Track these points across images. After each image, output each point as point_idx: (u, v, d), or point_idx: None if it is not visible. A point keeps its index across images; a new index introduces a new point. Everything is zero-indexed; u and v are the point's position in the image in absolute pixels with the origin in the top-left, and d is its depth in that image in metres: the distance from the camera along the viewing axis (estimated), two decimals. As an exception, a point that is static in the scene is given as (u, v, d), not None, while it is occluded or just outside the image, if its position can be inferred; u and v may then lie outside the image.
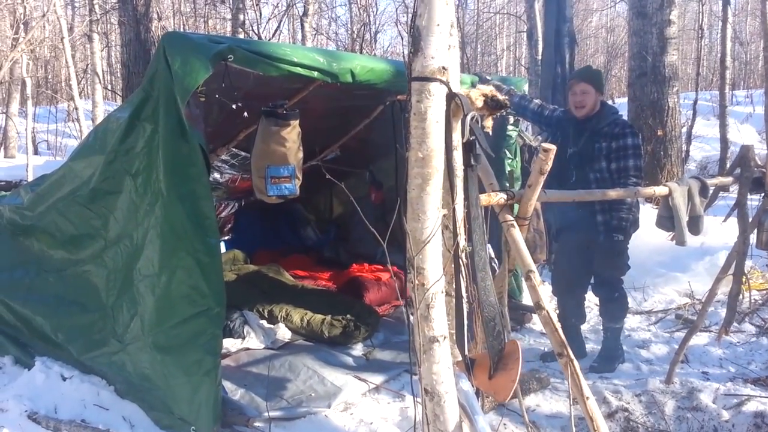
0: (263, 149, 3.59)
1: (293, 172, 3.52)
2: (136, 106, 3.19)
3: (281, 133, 3.56)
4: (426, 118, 2.01)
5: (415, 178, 2.04)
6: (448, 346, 2.13)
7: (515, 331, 5.07)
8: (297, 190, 3.67)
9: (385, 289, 5.40)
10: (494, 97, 2.37)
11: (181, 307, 3.17)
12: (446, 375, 2.12)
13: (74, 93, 8.69)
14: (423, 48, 2.00)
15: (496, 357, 2.28)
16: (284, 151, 3.53)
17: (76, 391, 3.56)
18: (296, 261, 6.18)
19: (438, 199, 2.07)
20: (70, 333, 3.67)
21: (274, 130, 3.56)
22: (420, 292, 2.06)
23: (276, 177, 3.45)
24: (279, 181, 3.46)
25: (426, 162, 2.02)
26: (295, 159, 3.61)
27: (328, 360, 4.26)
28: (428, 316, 2.08)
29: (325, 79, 3.47)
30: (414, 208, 2.06)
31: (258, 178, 3.58)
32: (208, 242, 3.13)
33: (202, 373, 3.15)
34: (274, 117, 3.56)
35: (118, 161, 3.33)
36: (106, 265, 3.54)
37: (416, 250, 2.05)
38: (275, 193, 3.49)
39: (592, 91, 4.27)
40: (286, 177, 3.46)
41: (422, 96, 2.01)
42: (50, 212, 3.73)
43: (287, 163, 3.50)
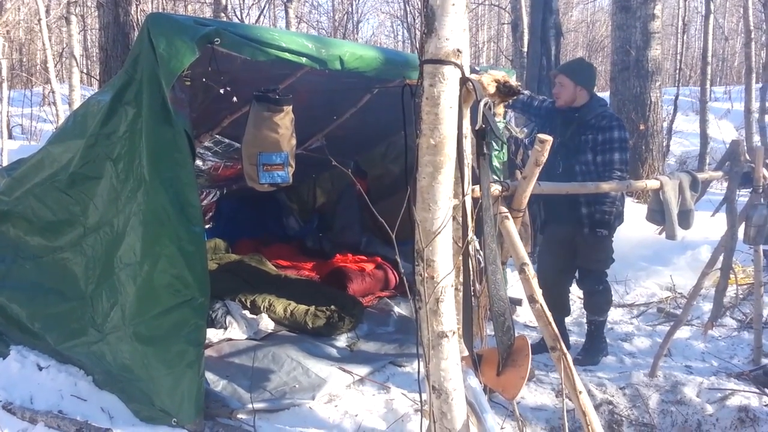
0: (255, 135, 3.49)
1: (286, 159, 3.44)
2: (118, 89, 3.09)
3: (274, 118, 3.46)
4: (439, 103, 1.92)
5: (426, 166, 1.97)
6: (457, 342, 2.08)
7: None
8: (290, 178, 3.59)
9: (369, 279, 5.35)
10: (507, 83, 2.29)
11: (163, 297, 3.08)
12: (454, 371, 2.07)
13: (51, 76, 8.47)
14: (437, 29, 1.90)
15: (504, 353, 2.23)
16: (277, 138, 3.44)
17: (53, 381, 3.46)
18: (278, 250, 6.09)
19: (450, 189, 2.00)
20: (47, 322, 3.56)
21: (266, 116, 3.46)
22: (429, 286, 2.00)
23: (268, 164, 3.36)
24: (271, 168, 3.37)
25: (438, 149, 1.94)
26: (289, 146, 3.52)
27: (312, 351, 4.20)
28: (437, 310, 2.02)
29: (313, 65, 3.38)
30: (424, 197, 1.99)
31: (249, 165, 3.49)
32: (193, 230, 3.04)
33: (185, 365, 3.07)
34: (267, 102, 3.47)
35: (98, 146, 3.23)
36: (85, 252, 3.44)
37: (426, 241, 1.98)
38: (267, 180, 3.40)
39: (569, 84, 4.26)
40: (279, 164, 3.37)
41: (435, 80, 1.92)
42: (27, 197, 3.61)
43: (280, 150, 3.41)
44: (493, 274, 2.23)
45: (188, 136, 2.97)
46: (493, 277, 2.22)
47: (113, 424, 3.18)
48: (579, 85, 4.26)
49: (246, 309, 4.64)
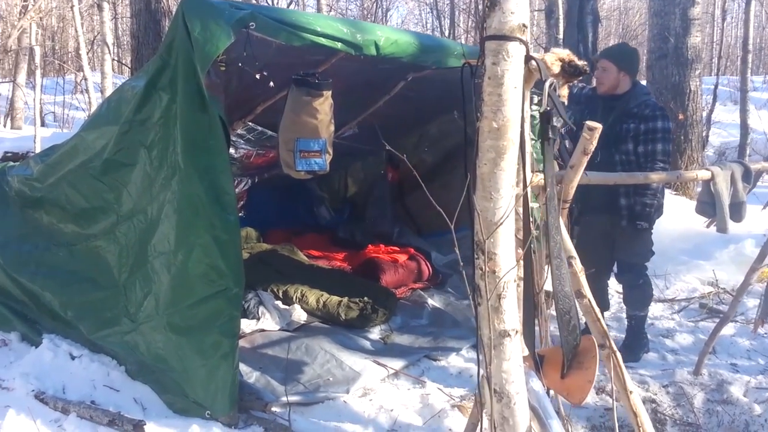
0: (293, 121, 3.40)
1: (324, 146, 3.34)
2: (152, 74, 3.02)
3: (313, 103, 3.37)
4: (503, 82, 1.76)
5: (488, 151, 1.80)
6: (520, 342, 1.95)
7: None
8: (327, 166, 3.50)
9: (402, 271, 5.25)
10: (572, 62, 2.13)
11: (198, 287, 3.02)
12: (517, 374, 1.94)
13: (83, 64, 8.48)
14: (501, 2, 1.75)
15: (570, 354, 2.09)
16: (315, 124, 3.34)
17: (86, 371, 3.43)
18: (310, 240, 6.02)
19: (513, 176, 1.85)
20: (80, 310, 3.53)
21: (305, 101, 3.37)
22: (491, 281, 1.85)
23: (306, 151, 3.27)
24: (309, 155, 3.28)
25: (501, 133, 1.78)
26: (327, 132, 3.43)
27: (346, 343, 4.13)
28: (499, 307, 1.88)
29: (348, 50, 3.30)
30: (485, 185, 1.83)
31: (286, 152, 3.40)
32: (227, 219, 2.98)
33: (219, 356, 3.02)
34: (306, 86, 3.38)
35: (132, 132, 3.17)
36: (119, 240, 3.39)
37: (487, 232, 1.83)
38: (304, 168, 3.31)
39: (613, 69, 4.10)
40: (317, 151, 3.28)
41: (499, 57, 1.76)
42: (61, 184, 3.57)
43: (318, 136, 3.32)
44: (558, 269, 2.09)
45: (223, 122, 2.90)
46: (557, 271, 2.09)
47: (146, 416, 3.13)
48: (623, 70, 4.10)
49: (278, 299, 4.58)
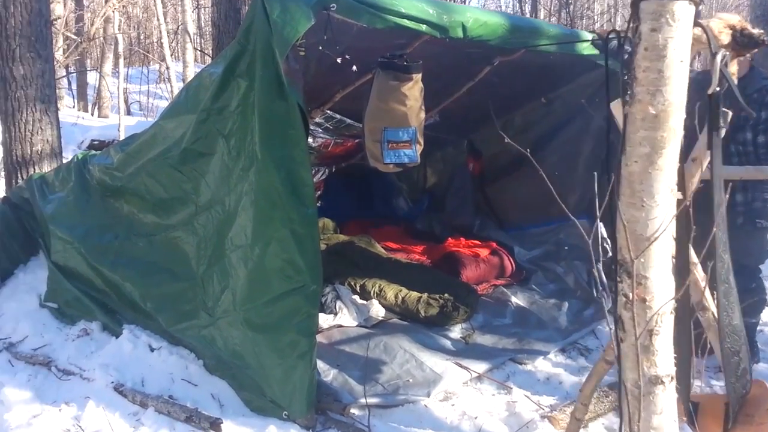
0: (379, 108, 3.18)
1: (414, 135, 3.12)
2: (230, 60, 2.91)
3: (401, 88, 3.13)
4: (665, 54, 1.40)
5: (640, 144, 1.45)
6: (674, 390, 1.60)
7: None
8: (418, 158, 3.27)
9: (484, 266, 5.00)
10: (745, 30, 1.75)
11: (275, 283, 2.90)
12: (670, 429, 1.57)
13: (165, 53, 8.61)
14: None
15: (737, 404, 1.74)
16: (404, 111, 3.11)
17: (164, 364, 3.38)
18: (388, 232, 5.84)
19: (672, 177, 1.49)
20: (159, 302, 3.48)
21: (393, 86, 3.15)
22: (640, 312, 1.50)
23: (394, 141, 3.06)
24: (397, 146, 3.06)
25: (660, 121, 1.42)
26: (417, 120, 3.19)
27: (426, 342, 3.93)
28: (650, 347, 1.52)
29: (433, 33, 3.10)
30: (635, 188, 1.49)
31: (372, 143, 3.19)
32: (305, 212, 2.84)
33: (296, 356, 2.89)
34: (394, 69, 3.16)
35: (210, 121, 3.07)
36: (197, 231, 3.32)
37: (636, 250, 1.48)
38: (393, 160, 3.10)
39: None
40: (406, 142, 3.06)
41: (660, 22, 1.39)
42: (140, 174, 3.53)
43: (407, 124, 3.09)
44: (725, 296, 1.71)
45: (302, 111, 2.75)
46: (724, 299, 1.71)
47: (223, 413, 3.05)
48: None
49: (356, 294, 4.44)
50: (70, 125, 9.17)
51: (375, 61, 3.52)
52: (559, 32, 3.87)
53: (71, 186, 3.97)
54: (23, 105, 4.53)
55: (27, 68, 4.48)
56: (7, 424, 2.99)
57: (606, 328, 4.39)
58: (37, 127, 4.61)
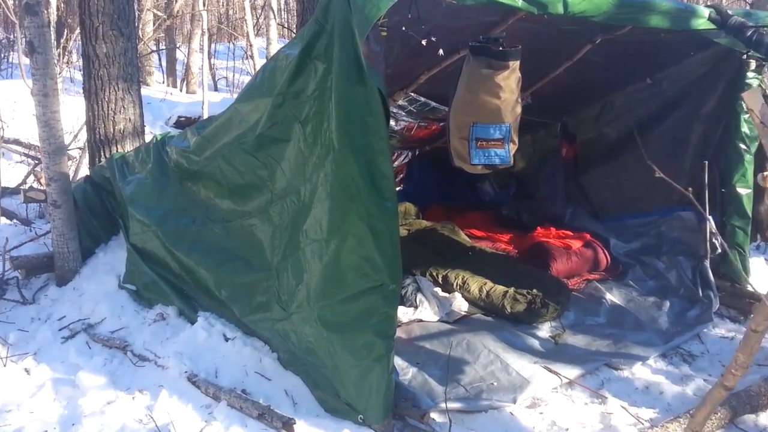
0: (468, 100, 2.83)
1: (508, 133, 2.78)
2: (307, 41, 2.70)
3: (495, 78, 2.79)
4: None
5: None
6: None
7: (738, 322, 4.15)
8: (511, 159, 2.93)
9: (576, 259, 4.66)
10: None
11: (350, 280, 2.71)
12: None
13: (249, 29, 8.53)
14: None
15: None
16: (497, 105, 2.77)
17: (238, 355, 3.28)
18: (472, 219, 5.59)
19: None
20: (234, 291, 3.38)
21: (485, 75, 2.80)
22: None
23: (484, 139, 2.73)
24: (487, 144, 2.74)
25: None
26: (512, 115, 2.83)
27: (512, 342, 3.67)
28: None
29: (530, 9, 2.79)
30: None
31: (459, 140, 2.86)
32: (384, 206, 2.61)
33: (373, 359, 2.70)
34: (487, 56, 2.82)
35: (286, 105, 2.89)
36: (272, 220, 3.17)
37: None
38: (481, 161, 2.78)
39: None
40: (498, 140, 2.73)
41: None
42: (216, 158, 3.41)
43: (500, 120, 2.75)
44: None
45: (382, 97, 2.51)
46: None
47: (296, 412, 2.92)
48: None
49: (437, 286, 4.21)
50: (158, 101, 9.34)
51: (462, 41, 3.24)
52: (671, 7, 3.45)
53: (150, 167, 3.92)
54: (106, 83, 4.51)
55: (110, 46, 4.45)
56: (80, 410, 2.97)
57: (712, 331, 4.01)
58: (119, 106, 4.59)
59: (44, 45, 3.48)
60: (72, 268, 4.03)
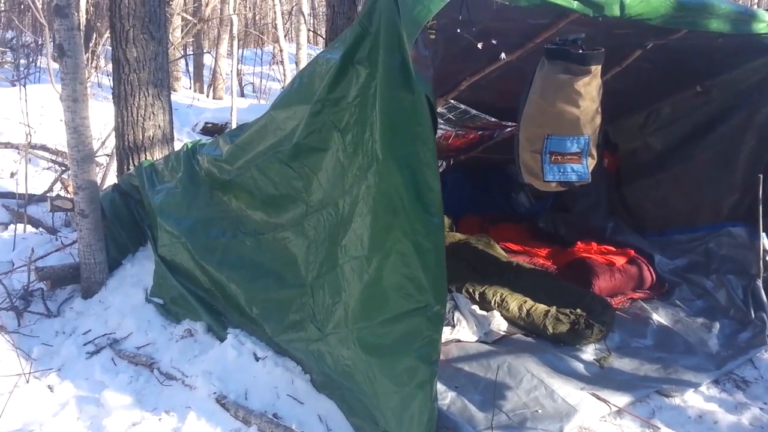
0: (543, 110, 2.59)
1: (587, 146, 2.56)
2: (349, 45, 2.54)
3: (575, 84, 2.56)
4: None
5: None
6: None
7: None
8: (589, 176, 2.71)
9: (620, 276, 4.43)
10: None
11: (392, 301, 2.53)
12: None
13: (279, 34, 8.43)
14: None
15: None
16: (576, 114, 2.54)
17: (269, 376, 3.11)
18: (507, 231, 5.37)
19: None
20: (266, 308, 3.22)
21: (563, 81, 2.57)
22: None
23: (559, 153, 2.51)
24: (563, 159, 2.52)
25: None
26: (592, 127, 2.61)
27: (556, 366, 3.46)
28: None
29: (586, 11, 2.62)
30: None
31: (529, 154, 2.62)
32: (430, 221, 2.43)
33: (415, 385, 2.51)
34: (565, 60, 2.60)
35: (324, 113, 2.74)
36: (307, 234, 3.01)
37: None
38: (556, 177, 2.55)
39: None
40: (574, 154, 2.51)
41: None
42: (249, 168, 3.26)
43: (579, 132, 2.53)
44: None
45: (430, 104, 2.34)
46: None
47: (330, 440, 2.75)
48: None
49: (475, 303, 4.02)
50: (185, 107, 9.26)
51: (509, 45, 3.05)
52: (731, 10, 3.25)
53: (180, 176, 3.79)
54: (136, 89, 4.39)
55: (140, 50, 4.33)
56: (105, 431, 2.84)
57: (765, 355, 3.77)
58: (149, 112, 4.47)
59: (74, 48, 3.36)
60: (98, 279, 3.90)
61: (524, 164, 2.65)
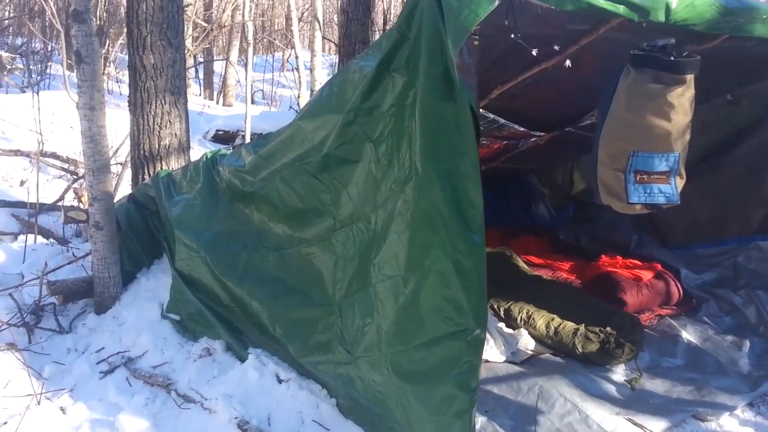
0: (629, 123, 2.39)
1: (676, 164, 2.37)
2: (386, 52, 2.41)
3: (668, 95, 2.35)
4: None
5: None
6: None
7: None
8: (678, 197, 2.52)
9: (647, 291, 4.28)
10: None
11: (430, 324, 2.39)
12: None
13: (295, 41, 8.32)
14: None
15: None
16: (667, 129, 2.32)
17: (293, 399, 2.97)
18: (527, 243, 5.23)
19: None
20: (290, 328, 3.08)
21: (654, 91, 2.37)
22: None
23: (645, 172, 2.33)
24: (650, 179, 2.34)
25: None
26: (682, 143, 2.39)
27: (588, 388, 3.32)
28: None
29: (631, 16, 2.49)
30: None
31: (611, 173, 2.41)
32: (472, 239, 2.29)
33: (452, 414, 2.36)
34: (656, 68, 2.39)
35: (357, 123, 2.60)
36: (334, 249, 2.88)
37: None
38: (641, 199, 2.37)
39: None
40: (663, 173, 2.33)
41: None
42: (273, 179, 3.13)
43: (668, 149, 2.34)
44: None
45: (474, 114, 2.21)
46: None
47: (359, 471, 2.61)
48: None
49: (501, 320, 3.88)
50: (196, 114, 9.15)
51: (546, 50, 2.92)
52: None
53: (199, 188, 3.65)
54: (152, 96, 4.27)
55: (157, 57, 4.21)
56: (121, 457, 2.70)
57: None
58: (165, 120, 4.34)
59: (92, 55, 3.24)
60: (112, 294, 3.76)
61: (604, 184, 2.46)
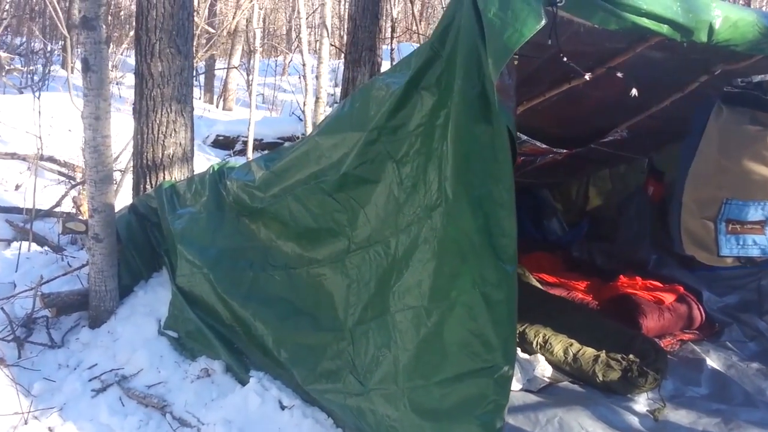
0: (722, 168, 2.18)
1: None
2: (417, 68, 2.27)
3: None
4: None
5: None
6: None
7: None
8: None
9: (669, 315, 4.08)
10: None
11: (455, 359, 2.23)
12: None
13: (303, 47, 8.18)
14: None
15: None
16: (765, 175, 2.13)
17: (297, 428, 2.80)
18: (540, 260, 5.05)
19: None
20: (296, 353, 2.91)
21: (753, 133, 2.17)
22: None
23: (738, 222, 2.15)
24: (743, 229, 2.17)
25: None
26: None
27: (610, 421, 3.14)
28: None
29: (674, 36, 2.36)
30: None
31: (699, 221, 2.20)
32: (503, 270, 2.13)
33: (476, 456, 2.20)
34: (752, 107, 2.20)
35: (381, 141, 2.45)
36: (348, 272, 2.73)
37: None
38: (734, 252, 2.20)
39: None
40: (757, 223, 2.14)
41: None
42: (285, 197, 2.97)
43: (766, 196, 2.15)
44: None
45: (512, 138, 2.05)
46: None
47: None
48: None
49: (516, 345, 3.70)
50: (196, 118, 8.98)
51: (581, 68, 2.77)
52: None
53: (204, 201, 3.48)
54: (158, 104, 4.11)
55: (165, 65, 4.05)
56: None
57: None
58: (170, 129, 4.18)
59: (100, 63, 3.07)
60: (108, 308, 3.58)
61: (689, 233, 2.27)
